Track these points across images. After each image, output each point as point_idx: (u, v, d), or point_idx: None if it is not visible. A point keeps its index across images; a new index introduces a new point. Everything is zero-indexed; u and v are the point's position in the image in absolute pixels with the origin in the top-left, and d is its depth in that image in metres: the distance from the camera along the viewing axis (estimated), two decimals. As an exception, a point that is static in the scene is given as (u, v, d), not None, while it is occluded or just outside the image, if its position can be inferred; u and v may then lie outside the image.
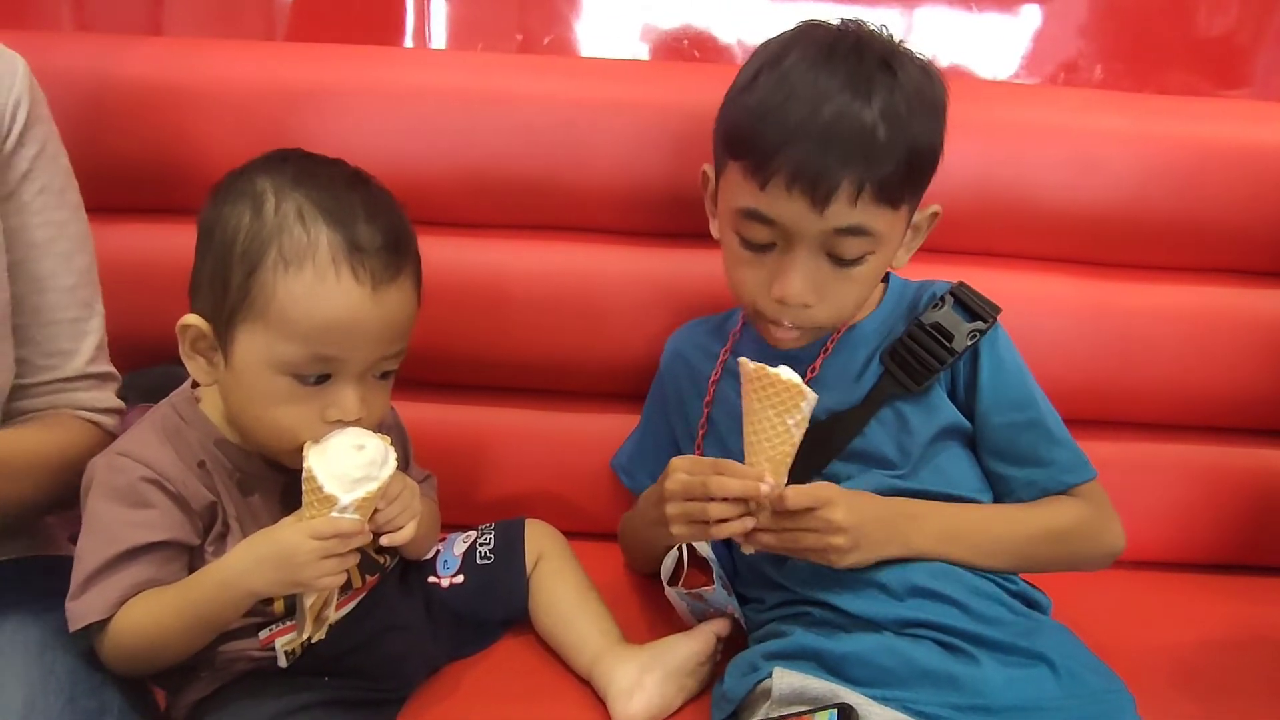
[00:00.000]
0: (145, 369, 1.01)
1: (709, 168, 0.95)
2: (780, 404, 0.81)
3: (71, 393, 0.89)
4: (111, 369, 0.93)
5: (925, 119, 0.84)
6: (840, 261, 0.85)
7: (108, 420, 0.91)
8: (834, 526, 0.82)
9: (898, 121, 0.81)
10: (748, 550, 0.85)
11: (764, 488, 0.80)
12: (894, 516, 0.87)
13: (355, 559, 0.78)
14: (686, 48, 1.38)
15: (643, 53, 1.39)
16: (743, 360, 0.83)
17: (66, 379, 0.88)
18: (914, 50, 0.87)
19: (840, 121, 0.80)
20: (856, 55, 0.83)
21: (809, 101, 0.81)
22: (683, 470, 0.85)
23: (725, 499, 0.82)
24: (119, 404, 0.93)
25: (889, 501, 0.87)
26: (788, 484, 0.82)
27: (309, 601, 0.78)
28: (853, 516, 0.83)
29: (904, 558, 0.86)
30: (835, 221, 0.82)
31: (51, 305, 0.87)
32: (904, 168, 0.83)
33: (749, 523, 0.82)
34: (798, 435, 0.82)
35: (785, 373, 0.81)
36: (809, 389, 0.81)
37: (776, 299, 0.86)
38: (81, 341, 0.89)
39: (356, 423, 0.79)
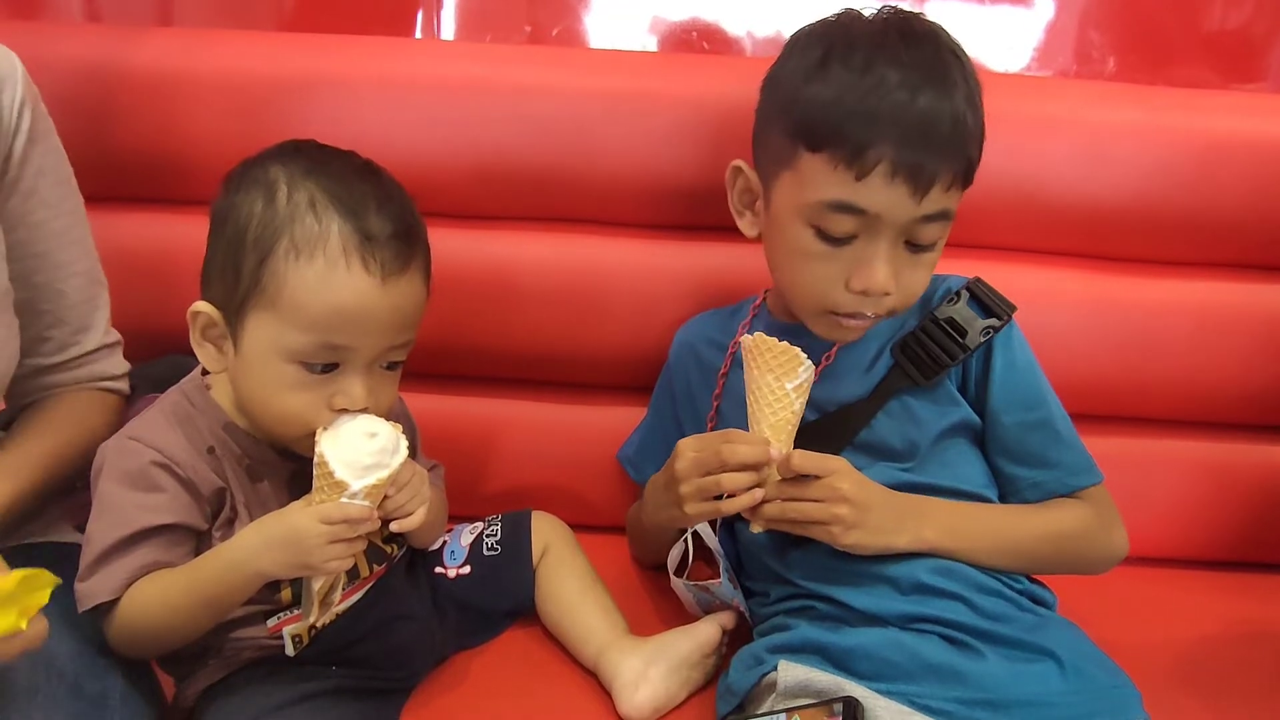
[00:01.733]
0: (153, 360, 1.02)
1: (744, 165, 0.94)
2: (778, 368, 0.83)
3: (91, 365, 0.94)
4: (117, 334, 0.98)
5: (981, 108, 0.86)
6: (917, 248, 0.86)
7: (122, 385, 0.97)
8: (839, 495, 0.82)
9: (976, 108, 0.84)
10: (755, 529, 0.85)
11: (773, 451, 0.82)
12: (903, 507, 0.87)
13: (363, 544, 0.79)
14: (696, 39, 1.37)
15: (652, 45, 1.39)
16: (744, 337, 0.84)
17: (88, 353, 0.94)
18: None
19: (935, 112, 0.81)
20: (932, 44, 0.84)
21: (900, 92, 0.81)
22: (691, 449, 0.86)
23: (737, 468, 0.82)
24: (127, 365, 0.98)
25: (897, 493, 0.87)
26: None
27: (316, 586, 0.78)
28: (859, 492, 0.83)
29: (913, 550, 0.86)
30: (928, 208, 0.83)
31: (75, 289, 0.92)
32: (979, 152, 0.86)
33: (758, 494, 0.83)
34: (798, 403, 0.83)
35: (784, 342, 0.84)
36: (806, 357, 0.83)
37: (859, 290, 0.85)
38: (95, 316, 0.95)
39: (364, 411, 0.79)
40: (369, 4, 1.40)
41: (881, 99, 0.81)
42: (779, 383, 0.83)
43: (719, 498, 0.85)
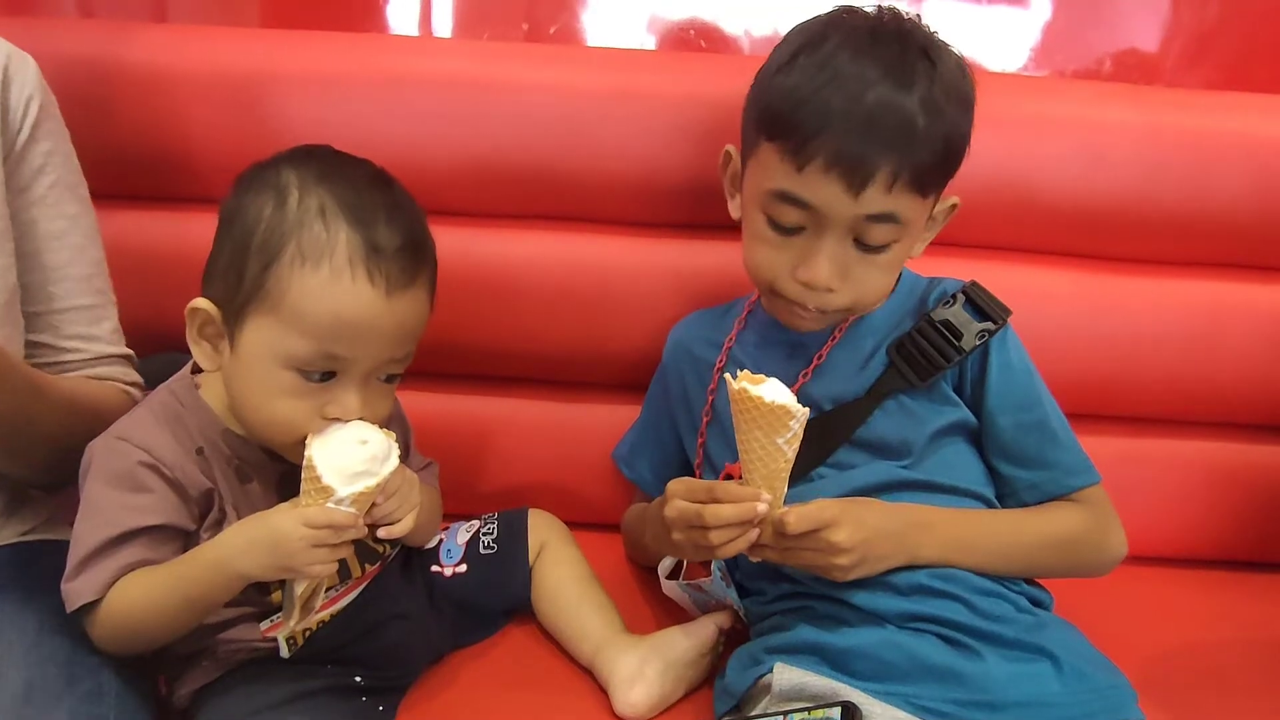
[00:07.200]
0: (150, 356, 1.01)
1: (733, 149, 0.95)
2: (767, 425, 0.78)
3: (98, 368, 0.93)
4: (129, 351, 0.97)
5: (960, 112, 0.85)
6: (866, 248, 0.86)
7: (136, 393, 0.95)
8: (837, 548, 0.81)
9: (936, 112, 0.82)
10: (754, 559, 0.85)
11: (761, 506, 0.79)
12: (902, 529, 0.85)
13: (348, 550, 0.78)
14: (693, 38, 1.37)
15: (649, 43, 1.38)
16: (727, 377, 0.81)
17: (91, 359, 0.93)
18: (949, 43, 0.87)
19: (883, 108, 0.81)
20: (900, 43, 0.84)
21: (852, 86, 0.81)
22: (680, 496, 0.84)
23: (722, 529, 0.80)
24: (140, 379, 0.97)
25: (897, 512, 0.86)
26: (788, 491, 0.81)
27: (299, 590, 0.78)
28: (857, 535, 0.81)
29: (910, 566, 0.85)
30: (869, 207, 0.83)
31: (67, 293, 0.91)
32: (938, 158, 0.84)
33: (753, 535, 0.81)
34: (790, 451, 0.80)
35: (771, 391, 0.78)
36: (797, 406, 0.78)
37: (802, 282, 0.86)
38: (98, 326, 0.93)
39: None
40: (367, 0, 1.39)
41: (832, 93, 0.81)
42: (769, 439, 0.79)
43: None
